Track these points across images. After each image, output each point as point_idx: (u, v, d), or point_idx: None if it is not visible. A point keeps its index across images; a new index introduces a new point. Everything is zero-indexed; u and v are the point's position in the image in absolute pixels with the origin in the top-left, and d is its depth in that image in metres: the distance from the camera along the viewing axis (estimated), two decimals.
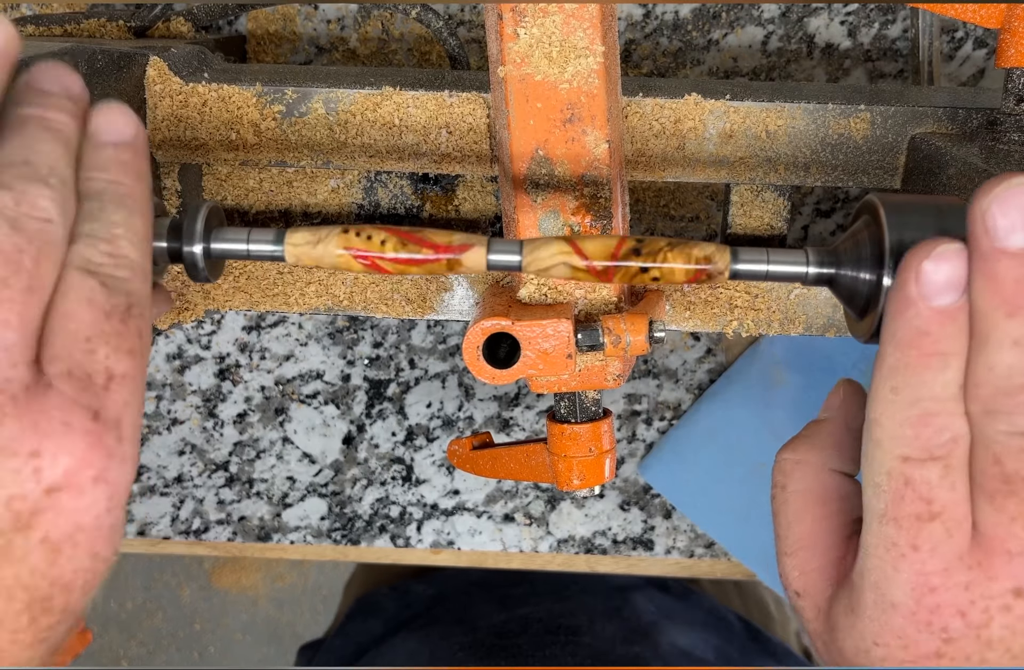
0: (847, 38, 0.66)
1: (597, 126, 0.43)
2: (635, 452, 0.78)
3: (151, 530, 0.81)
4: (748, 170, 0.50)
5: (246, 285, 0.53)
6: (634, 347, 0.43)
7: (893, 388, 0.30)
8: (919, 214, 0.34)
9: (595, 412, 0.49)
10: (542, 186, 0.44)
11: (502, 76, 0.42)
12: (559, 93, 0.42)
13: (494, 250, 0.36)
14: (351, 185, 0.56)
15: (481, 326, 0.43)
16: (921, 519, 0.30)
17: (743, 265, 0.36)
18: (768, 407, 0.74)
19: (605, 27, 0.42)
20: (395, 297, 0.53)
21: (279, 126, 0.49)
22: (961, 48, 0.66)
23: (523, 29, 0.41)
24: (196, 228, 0.36)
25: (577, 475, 0.49)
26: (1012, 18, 0.45)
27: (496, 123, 0.45)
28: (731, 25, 0.66)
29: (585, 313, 0.46)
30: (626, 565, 0.82)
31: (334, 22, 0.66)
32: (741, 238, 0.53)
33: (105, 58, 0.44)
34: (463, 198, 0.56)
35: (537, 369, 0.44)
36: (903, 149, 0.49)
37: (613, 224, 0.45)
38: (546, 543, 0.81)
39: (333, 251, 0.35)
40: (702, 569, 0.82)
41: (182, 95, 0.48)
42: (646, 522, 0.80)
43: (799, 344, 0.73)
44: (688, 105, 0.48)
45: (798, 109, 0.49)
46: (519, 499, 0.80)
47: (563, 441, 0.49)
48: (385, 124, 0.49)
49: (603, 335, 0.43)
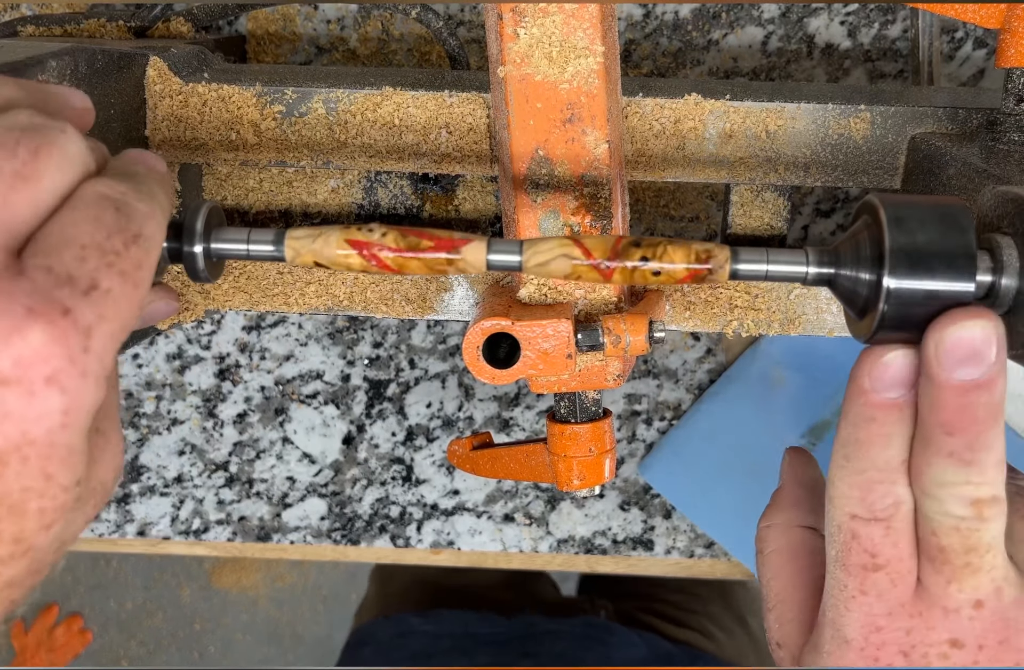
0: (847, 38, 0.66)
1: (597, 126, 0.43)
2: (635, 452, 0.78)
3: (151, 530, 0.81)
4: (748, 170, 0.49)
5: (246, 285, 0.53)
6: (634, 347, 0.43)
7: (845, 456, 0.34)
8: (919, 214, 0.34)
9: (595, 412, 0.49)
10: (542, 186, 0.44)
11: (502, 76, 0.42)
12: (559, 93, 0.42)
13: (494, 249, 0.36)
14: (351, 185, 0.56)
15: (481, 326, 0.43)
16: (867, 569, 0.34)
17: (743, 265, 0.36)
18: (768, 407, 0.74)
19: (605, 27, 0.42)
20: (395, 297, 0.53)
21: (279, 126, 0.49)
22: (961, 48, 0.66)
23: (523, 29, 0.41)
24: (196, 228, 0.36)
25: (577, 475, 0.49)
26: (1012, 18, 0.45)
27: (496, 123, 0.45)
28: (731, 25, 0.66)
29: (585, 313, 0.46)
30: (626, 565, 0.82)
31: (334, 22, 0.66)
32: (741, 238, 0.53)
33: (105, 58, 0.44)
34: (463, 198, 0.56)
35: (537, 369, 0.44)
36: (903, 149, 0.49)
37: (613, 224, 0.45)
38: (546, 543, 0.81)
39: (333, 246, 0.35)
40: (702, 569, 0.82)
41: (182, 95, 0.48)
42: (646, 522, 0.80)
43: (799, 344, 0.73)
44: (688, 105, 0.48)
45: (798, 109, 0.49)
46: (519, 499, 0.80)
47: (563, 441, 0.49)
48: (385, 124, 0.49)
49: (603, 335, 0.43)
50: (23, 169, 0.28)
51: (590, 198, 0.44)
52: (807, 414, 0.75)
